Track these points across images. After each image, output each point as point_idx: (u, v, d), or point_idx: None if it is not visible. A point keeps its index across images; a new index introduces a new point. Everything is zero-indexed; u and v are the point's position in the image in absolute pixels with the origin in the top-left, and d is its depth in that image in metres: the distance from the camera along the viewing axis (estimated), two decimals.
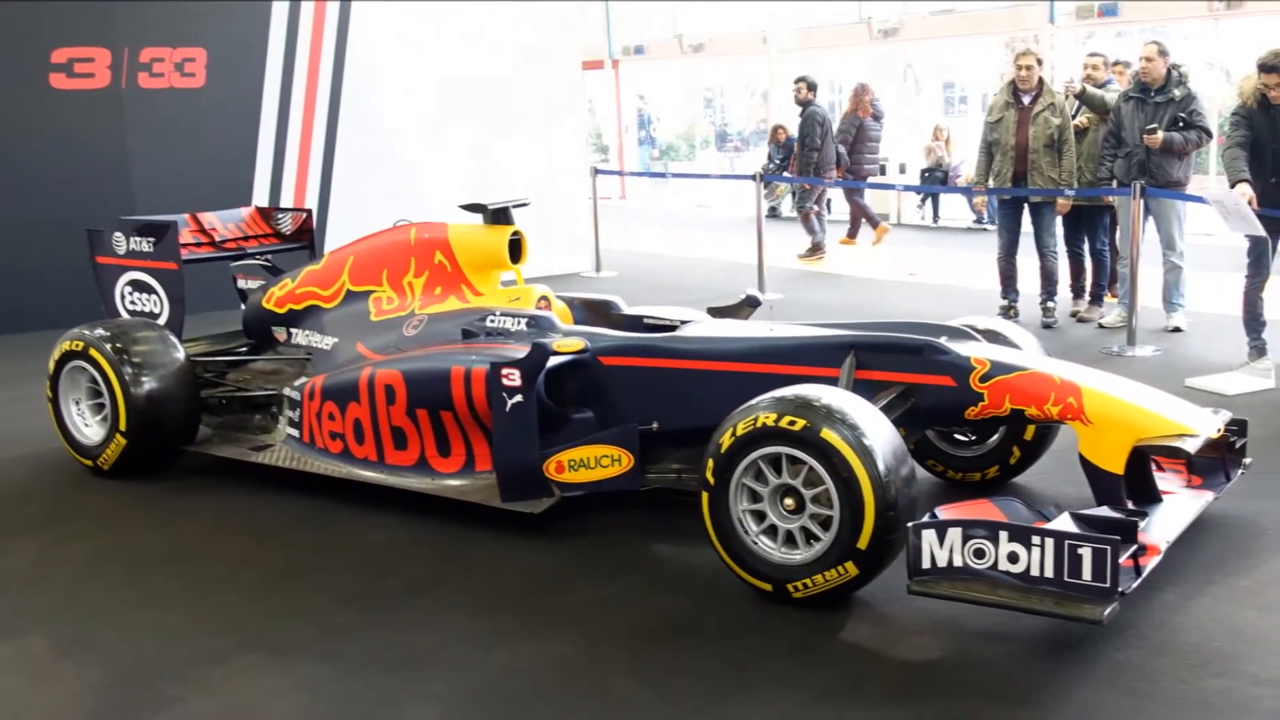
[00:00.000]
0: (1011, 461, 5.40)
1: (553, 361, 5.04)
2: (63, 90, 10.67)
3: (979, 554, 3.85)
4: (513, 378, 4.99)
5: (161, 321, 6.56)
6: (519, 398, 5.01)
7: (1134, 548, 4.00)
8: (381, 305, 6.15)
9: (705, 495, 4.39)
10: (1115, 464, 4.42)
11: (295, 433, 5.94)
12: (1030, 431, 5.27)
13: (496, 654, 4.06)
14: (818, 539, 4.22)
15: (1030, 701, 3.60)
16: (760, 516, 4.35)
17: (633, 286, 11.37)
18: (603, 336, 5.36)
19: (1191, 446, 4.41)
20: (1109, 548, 3.68)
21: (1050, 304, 9.52)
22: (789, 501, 4.28)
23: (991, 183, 9.58)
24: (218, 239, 7.15)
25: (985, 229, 15.16)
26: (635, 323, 5.84)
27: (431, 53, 12.37)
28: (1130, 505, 4.43)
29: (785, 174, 16.38)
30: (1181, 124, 8.50)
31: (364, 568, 4.91)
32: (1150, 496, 4.60)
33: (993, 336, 5.18)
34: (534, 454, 5.06)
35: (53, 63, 10.60)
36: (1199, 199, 8.43)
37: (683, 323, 5.59)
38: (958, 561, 3.88)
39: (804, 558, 4.23)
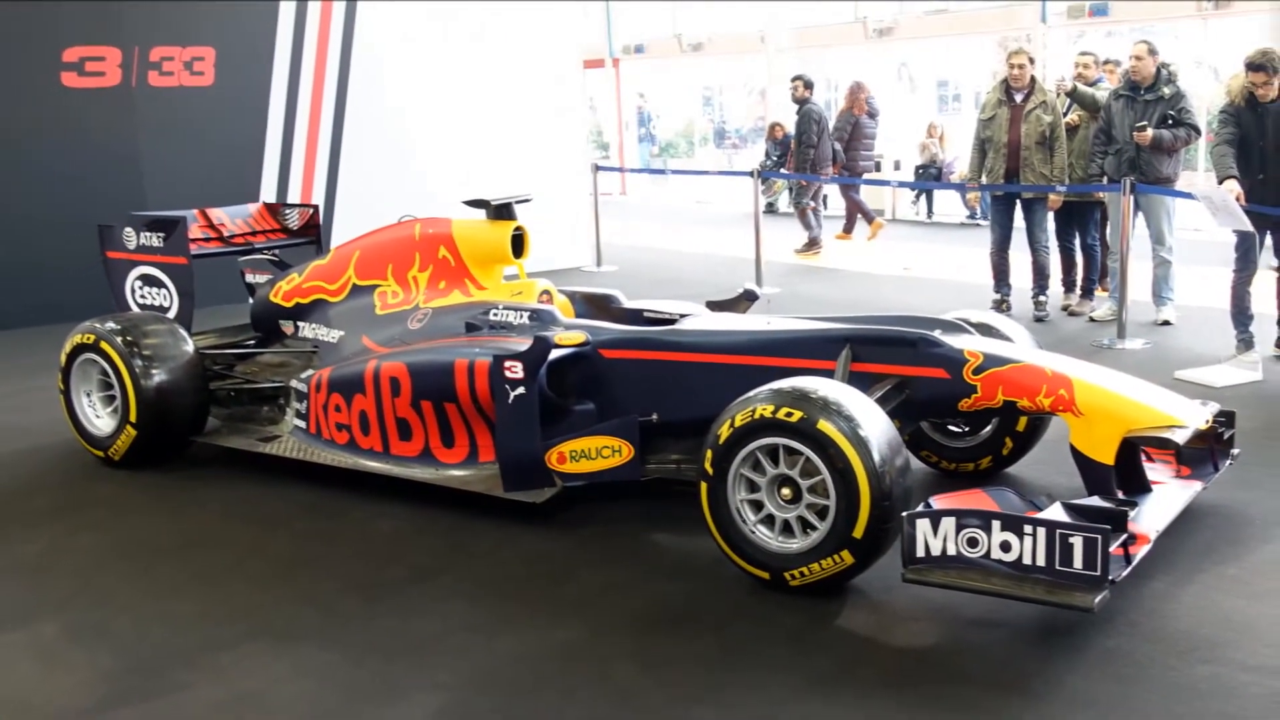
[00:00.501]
0: (1004, 452, 5.46)
1: (554, 354, 5.11)
2: (74, 88, 10.74)
3: (972, 543, 3.91)
4: (515, 370, 5.05)
5: (171, 315, 6.61)
6: (521, 390, 5.07)
7: (1124, 537, 4.06)
8: (386, 299, 6.22)
9: (704, 485, 4.45)
10: (1106, 455, 4.48)
11: (302, 424, 6.01)
12: (1022, 423, 5.32)
13: (499, 641, 4.12)
14: (814, 528, 4.28)
15: (1022, 688, 3.65)
16: (758, 506, 4.40)
17: (633, 281, 11.43)
18: (603, 330, 5.41)
19: (1180, 438, 4.47)
20: (1100, 537, 3.74)
21: (1042, 298, 9.59)
22: (786, 491, 4.34)
23: (984, 179, 9.66)
24: (226, 234, 7.21)
25: (978, 224, 15.24)
26: (635, 316, 5.88)
27: (436, 52, 12.44)
28: (1120, 495, 4.47)
29: (782, 170, 16.43)
30: (1171, 121, 8.58)
31: (370, 556, 4.96)
32: (1140, 486, 4.65)
33: (986, 330, 5.23)
34: (536, 445, 5.12)
35: (64, 61, 10.67)
36: (1188, 195, 8.51)
37: (682, 316, 5.63)
38: (951, 550, 3.93)
39: (801, 546, 4.29)
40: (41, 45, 10.53)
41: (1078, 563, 3.76)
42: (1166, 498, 4.66)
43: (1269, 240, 7.76)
